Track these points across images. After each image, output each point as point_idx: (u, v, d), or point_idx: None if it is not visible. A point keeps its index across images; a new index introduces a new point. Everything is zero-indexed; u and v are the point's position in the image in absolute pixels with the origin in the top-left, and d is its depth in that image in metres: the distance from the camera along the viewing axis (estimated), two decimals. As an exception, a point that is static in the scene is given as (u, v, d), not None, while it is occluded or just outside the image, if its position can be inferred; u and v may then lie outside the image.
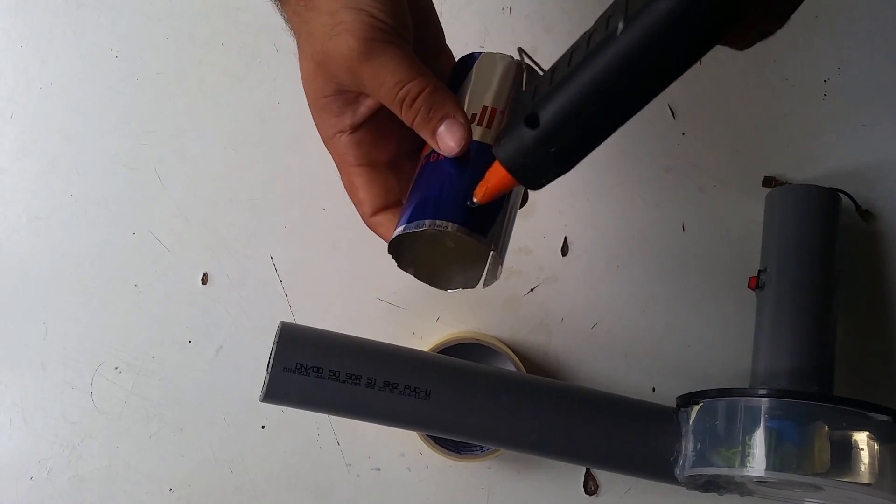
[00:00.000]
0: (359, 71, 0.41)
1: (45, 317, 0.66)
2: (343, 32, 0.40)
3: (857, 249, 0.66)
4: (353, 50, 0.40)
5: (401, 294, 0.66)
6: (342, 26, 0.40)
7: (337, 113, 0.44)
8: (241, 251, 0.67)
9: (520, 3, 0.69)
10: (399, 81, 0.41)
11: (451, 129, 0.42)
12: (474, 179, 0.40)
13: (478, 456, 0.62)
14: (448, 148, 0.42)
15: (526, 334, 0.66)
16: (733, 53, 0.71)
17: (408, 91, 0.41)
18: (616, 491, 0.65)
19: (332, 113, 0.44)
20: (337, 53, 0.41)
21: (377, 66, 0.41)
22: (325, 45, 0.41)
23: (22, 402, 0.66)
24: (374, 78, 0.41)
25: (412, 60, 0.42)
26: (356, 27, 0.40)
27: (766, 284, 0.61)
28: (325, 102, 0.43)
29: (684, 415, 0.55)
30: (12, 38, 0.70)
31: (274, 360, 0.49)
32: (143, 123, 0.69)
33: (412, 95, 0.41)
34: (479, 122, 0.43)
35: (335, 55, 0.41)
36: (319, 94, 0.43)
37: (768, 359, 0.59)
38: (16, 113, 0.69)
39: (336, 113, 0.44)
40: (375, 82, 0.41)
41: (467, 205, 0.40)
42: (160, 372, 0.66)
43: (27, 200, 0.68)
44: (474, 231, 0.41)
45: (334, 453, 0.65)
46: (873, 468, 0.50)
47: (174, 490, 0.65)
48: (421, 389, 0.51)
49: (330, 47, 0.41)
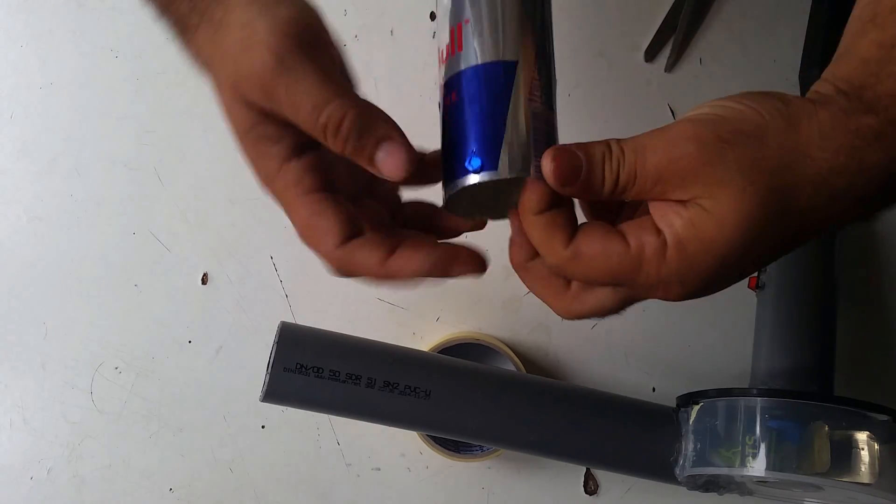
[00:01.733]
0: (273, 91, 0.35)
1: (45, 317, 0.66)
2: (256, 45, 0.34)
3: (857, 249, 0.66)
4: (266, 66, 0.34)
5: (401, 294, 0.66)
6: (256, 37, 0.34)
7: (274, 139, 0.37)
8: (241, 251, 0.67)
9: (520, 3, 0.69)
10: (316, 105, 0.35)
11: (391, 153, 0.36)
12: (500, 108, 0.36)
13: (478, 456, 0.62)
14: (394, 174, 0.36)
15: (526, 334, 0.66)
16: (733, 53, 0.71)
17: (328, 116, 0.35)
18: (616, 491, 0.65)
19: (269, 140, 0.37)
20: (250, 71, 0.35)
21: (290, 86, 0.34)
22: (239, 64, 0.35)
23: (22, 402, 0.66)
24: (290, 101, 0.35)
25: (330, 77, 0.35)
26: (271, 38, 0.34)
27: (766, 284, 0.61)
28: (256, 133, 0.37)
29: (684, 415, 0.55)
30: (12, 38, 0.70)
31: (274, 360, 0.49)
32: (143, 123, 0.69)
33: (334, 121, 0.35)
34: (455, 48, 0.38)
35: (248, 73, 0.35)
36: (246, 124, 0.37)
37: (768, 359, 0.59)
38: (16, 113, 0.69)
39: (273, 139, 0.37)
40: (292, 107, 0.35)
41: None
42: (160, 372, 0.66)
43: (27, 200, 0.68)
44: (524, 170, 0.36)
45: (334, 453, 0.65)
46: (873, 468, 0.50)
47: (174, 490, 0.65)
48: (421, 389, 0.51)
49: (243, 65, 0.35)
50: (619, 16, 0.69)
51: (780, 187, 0.32)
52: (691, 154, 0.33)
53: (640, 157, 0.34)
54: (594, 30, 0.69)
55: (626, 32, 0.69)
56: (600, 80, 0.69)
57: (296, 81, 0.35)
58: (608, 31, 0.69)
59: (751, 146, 0.33)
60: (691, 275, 0.34)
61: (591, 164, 0.35)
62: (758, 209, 0.32)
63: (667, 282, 0.34)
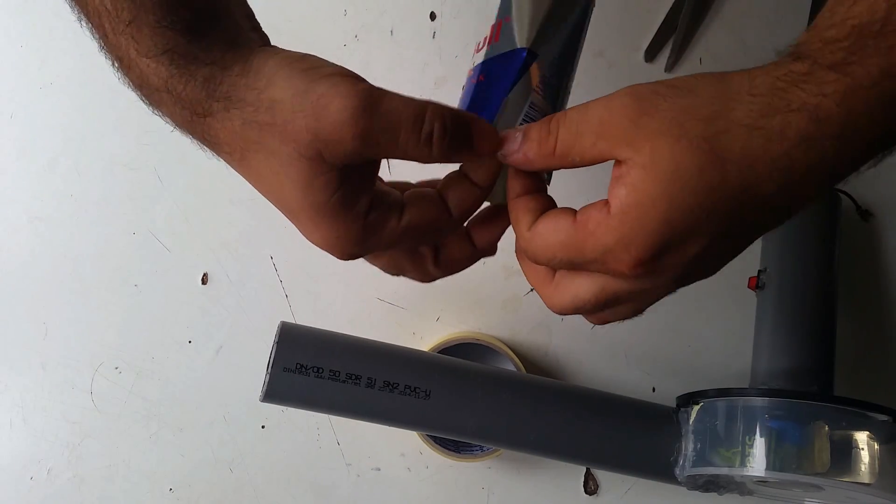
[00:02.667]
0: (369, 128, 0.35)
1: (45, 317, 0.66)
2: (332, 101, 0.34)
3: (857, 249, 0.66)
4: (355, 110, 0.34)
5: (401, 294, 0.66)
6: (326, 98, 0.35)
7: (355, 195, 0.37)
8: (241, 251, 0.67)
9: (520, 3, 0.69)
10: (417, 117, 0.36)
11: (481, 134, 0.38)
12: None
13: (478, 456, 0.62)
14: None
15: (526, 334, 0.66)
16: (734, 53, 0.71)
17: (431, 123, 0.36)
18: (616, 491, 0.65)
19: (351, 200, 0.37)
20: (334, 124, 0.34)
21: (388, 113, 0.35)
22: (314, 126, 0.35)
23: (22, 402, 0.66)
24: (390, 123, 0.35)
25: (409, 97, 0.37)
26: (342, 90, 0.35)
27: (766, 284, 0.61)
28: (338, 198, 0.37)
29: (684, 415, 0.55)
30: (12, 38, 0.70)
31: (274, 360, 0.49)
32: (143, 123, 0.69)
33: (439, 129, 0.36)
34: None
35: (332, 126, 0.35)
36: (329, 194, 0.36)
37: (768, 359, 0.59)
38: (16, 113, 0.69)
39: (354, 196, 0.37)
40: (392, 129, 0.35)
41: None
42: (160, 372, 0.66)
43: (27, 200, 0.68)
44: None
45: (334, 453, 0.65)
46: (873, 468, 0.50)
47: (174, 490, 0.65)
48: (421, 389, 0.51)
49: (322, 124, 0.35)
50: (619, 16, 0.69)
51: (713, 135, 0.33)
52: (628, 105, 0.34)
53: (582, 114, 0.36)
54: (594, 30, 0.69)
55: (626, 32, 0.69)
56: (600, 80, 0.69)
57: (389, 111, 0.35)
58: (608, 31, 0.69)
59: (683, 96, 0.34)
60: (637, 239, 0.34)
61: (527, 131, 0.38)
62: (693, 157, 0.33)
63: (613, 250, 0.34)
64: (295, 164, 0.36)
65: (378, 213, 0.38)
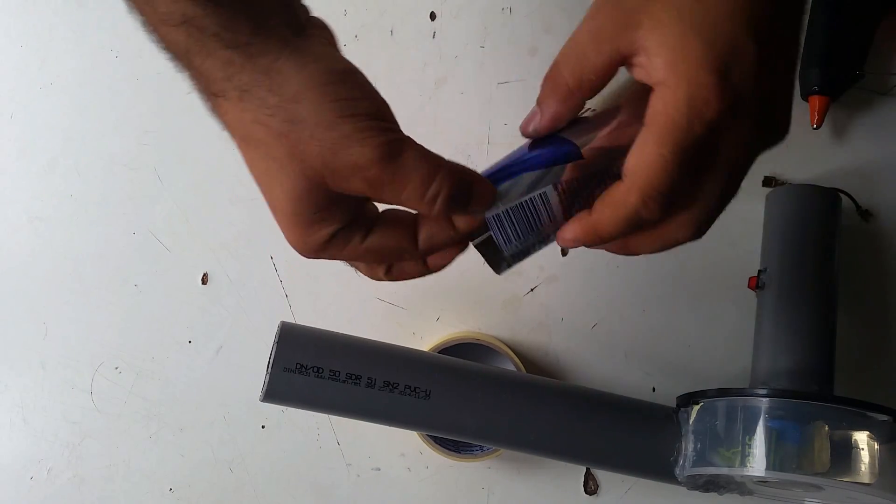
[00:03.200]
0: (380, 177, 0.37)
1: (45, 317, 0.67)
2: (352, 145, 0.36)
3: (857, 249, 0.66)
4: (373, 160, 0.36)
5: (401, 294, 0.66)
6: (348, 140, 0.36)
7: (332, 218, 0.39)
8: (241, 251, 0.67)
9: (520, 3, 0.69)
10: (426, 179, 0.37)
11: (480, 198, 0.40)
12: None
13: (478, 456, 0.62)
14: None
15: (526, 334, 0.66)
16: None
17: (439, 187, 0.38)
18: (616, 491, 0.65)
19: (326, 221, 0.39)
20: (348, 166, 0.36)
21: (400, 168, 0.37)
22: (327, 160, 0.36)
23: (22, 402, 0.66)
24: (400, 179, 0.37)
25: (426, 150, 0.38)
26: (366, 136, 0.36)
27: (766, 284, 0.61)
28: (317, 216, 0.39)
29: (684, 415, 0.55)
30: (12, 38, 0.70)
31: (274, 360, 0.49)
32: (143, 123, 0.69)
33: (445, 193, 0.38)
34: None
35: (345, 167, 0.36)
36: (311, 210, 0.38)
37: (768, 359, 0.59)
38: (16, 113, 0.69)
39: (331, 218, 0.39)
40: (400, 184, 0.37)
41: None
42: (160, 372, 0.66)
43: (27, 200, 0.68)
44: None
45: (334, 453, 0.65)
46: (873, 468, 0.50)
47: (174, 490, 0.65)
48: (421, 389, 0.51)
49: (337, 161, 0.36)
50: (619, 16, 0.69)
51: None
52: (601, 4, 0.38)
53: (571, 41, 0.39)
54: (594, 30, 0.69)
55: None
56: (600, 80, 0.69)
57: (403, 166, 0.37)
58: (608, 31, 0.69)
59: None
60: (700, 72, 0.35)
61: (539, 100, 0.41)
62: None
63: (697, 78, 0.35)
64: (292, 177, 0.37)
65: (345, 232, 0.39)
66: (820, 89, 0.63)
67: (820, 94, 0.64)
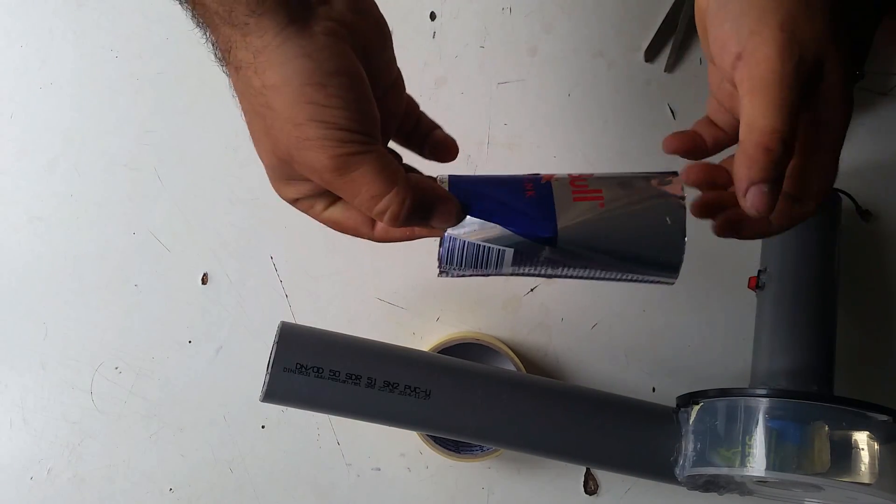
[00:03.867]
0: (331, 183, 0.39)
1: (45, 317, 0.67)
2: (312, 149, 0.38)
3: (857, 249, 0.66)
4: (325, 168, 0.38)
5: (401, 294, 0.66)
6: (309, 143, 0.37)
7: (298, 188, 0.42)
8: (241, 251, 0.67)
9: (520, 3, 0.69)
10: (375, 196, 0.39)
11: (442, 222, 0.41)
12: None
13: (478, 456, 0.62)
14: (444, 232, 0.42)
15: (526, 334, 0.66)
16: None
17: (388, 204, 0.39)
18: (616, 491, 0.65)
19: (293, 189, 0.42)
20: (305, 165, 0.39)
21: (350, 181, 0.38)
22: (292, 153, 0.38)
23: (22, 402, 0.66)
24: (350, 190, 0.39)
25: (386, 167, 0.39)
26: (325, 145, 0.37)
27: (766, 284, 0.61)
28: (285, 183, 0.42)
29: (684, 415, 0.55)
30: (12, 38, 0.70)
31: (274, 360, 0.49)
32: (143, 123, 0.69)
33: (393, 211, 0.39)
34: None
35: (303, 165, 0.39)
36: (281, 176, 0.41)
37: (768, 359, 0.59)
38: (16, 113, 0.69)
39: (296, 188, 0.42)
40: (350, 194, 0.39)
41: None
42: (160, 372, 0.66)
43: (27, 200, 0.68)
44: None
45: (334, 453, 0.65)
46: (873, 468, 0.50)
47: (174, 490, 0.65)
48: (421, 389, 0.51)
49: (297, 156, 0.38)
50: (619, 16, 0.69)
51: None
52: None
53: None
54: (594, 30, 0.69)
55: (626, 32, 0.69)
56: (600, 80, 0.69)
57: (353, 178, 0.38)
58: (608, 31, 0.69)
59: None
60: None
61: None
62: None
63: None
64: (266, 150, 0.40)
65: (309, 200, 0.42)
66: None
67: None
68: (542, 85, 0.68)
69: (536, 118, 0.69)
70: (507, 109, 0.68)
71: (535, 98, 0.68)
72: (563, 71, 0.69)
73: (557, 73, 0.69)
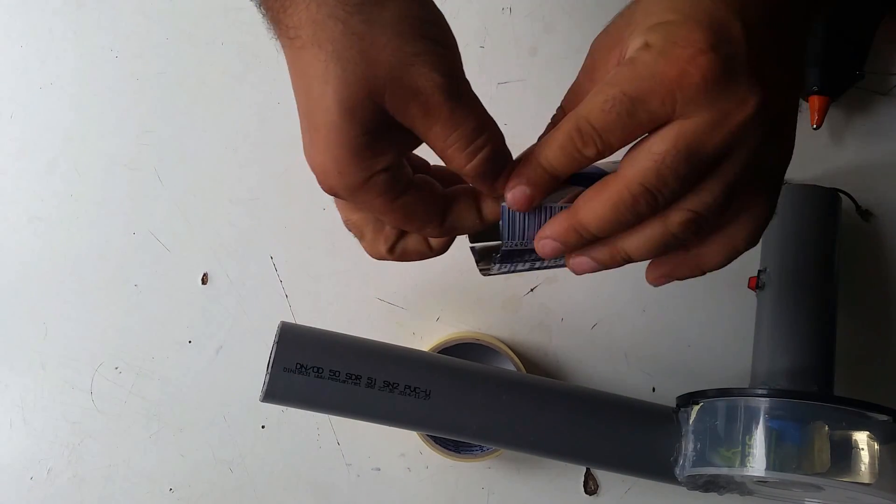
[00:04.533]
0: (435, 108, 0.35)
1: (45, 317, 0.66)
2: (425, 64, 0.34)
3: (857, 249, 0.66)
4: (437, 86, 0.34)
5: (401, 294, 0.66)
6: (421, 59, 0.34)
7: (381, 150, 0.36)
8: (241, 251, 0.67)
9: (520, 3, 0.69)
10: (477, 128, 0.36)
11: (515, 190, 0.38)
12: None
13: (478, 456, 0.62)
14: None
15: (526, 334, 0.66)
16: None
17: (486, 141, 0.36)
18: (616, 491, 0.65)
19: (374, 151, 0.36)
20: (410, 86, 0.34)
21: (458, 108, 0.35)
22: (395, 72, 0.34)
23: (22, 402, 0.66)
24: (453, 119, 0.35)
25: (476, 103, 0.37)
26: (439, 61, 0.35)
27: (766, 284, 0.61)
28: (366, 140, 0.35)
29: (684, 415, 0.55)
30: (12, 38, 0.70)
31: (274, 360, 0.49)
32: (143, 123, 0.69)
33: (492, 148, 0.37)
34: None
35: (407, 87, 0.34)
36: (361, 130, 0.35)
37: (768, 359, 0.59)
38: (16, 113, 0.69)
39: (380, 150, 0.36)
40: (452, 124, 0.35)
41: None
42: (160, 372, 0.66)
43: (27, 200, 0.68)
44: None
45: (334, 453, 0.65)
46: (873, 468, 0.50)
47: (174, 490, 0.65)
48: (421, 389, 0.51)
49: (404, 75, 0.34)
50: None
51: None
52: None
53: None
54: (594, 30, 0.69)
55: (626, 32, 0.69)
56: (600, 80, 0.69)
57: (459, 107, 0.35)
58: (608, 31, 0.69)
59: None
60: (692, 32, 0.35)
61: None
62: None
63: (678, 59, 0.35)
64: (352, 83, 0.34)
65: (385, 177, 0.36)
66: (820, 89, 0.63)
67: (820, 94, 0.64)
68: (543, 85, 0.68)
69: (536, 118, 0.68)
70: (508, 109, 0.68)
71: (535, 98, 0.68)
72: (563, 71, 0.69)
73: (558, 73, 0.69)
